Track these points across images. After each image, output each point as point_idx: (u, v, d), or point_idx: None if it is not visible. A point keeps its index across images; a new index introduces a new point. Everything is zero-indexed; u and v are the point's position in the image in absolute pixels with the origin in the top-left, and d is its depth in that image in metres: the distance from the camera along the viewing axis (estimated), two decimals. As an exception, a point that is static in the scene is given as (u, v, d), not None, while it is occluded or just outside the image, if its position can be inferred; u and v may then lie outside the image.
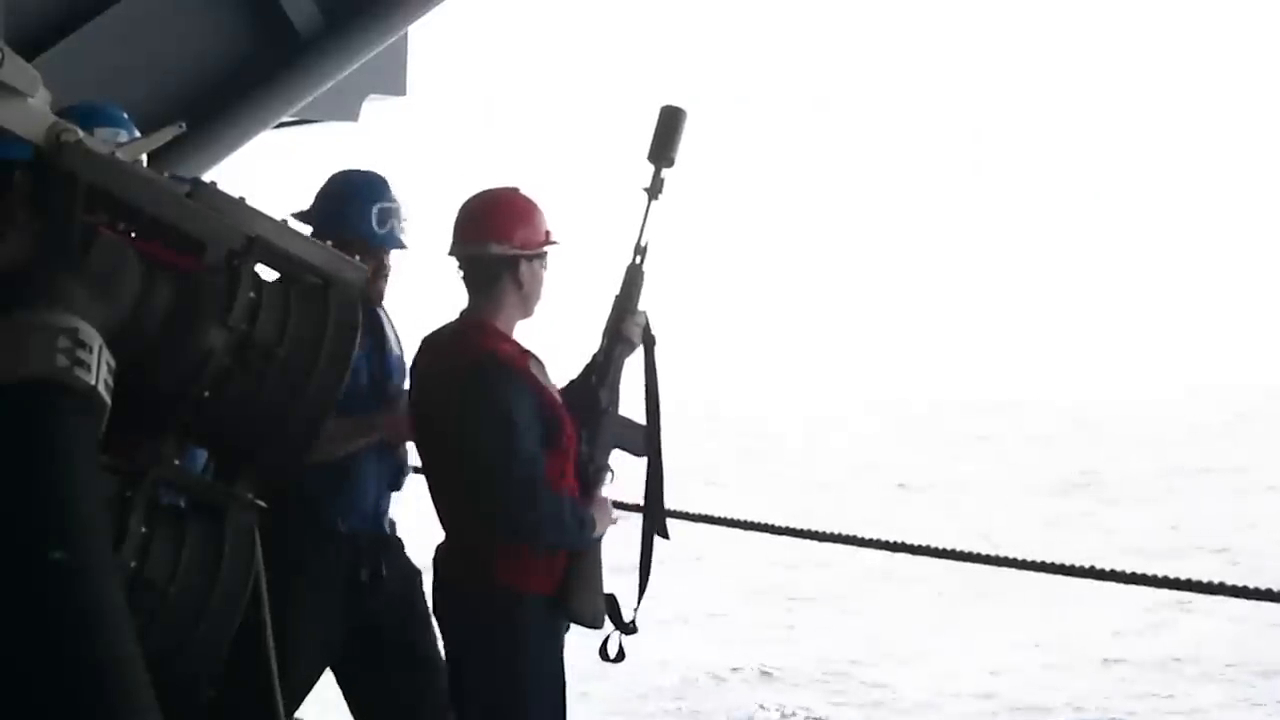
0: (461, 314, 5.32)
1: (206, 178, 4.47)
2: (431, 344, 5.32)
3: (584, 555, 5.24)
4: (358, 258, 5.34)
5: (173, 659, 2.15)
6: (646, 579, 5.49)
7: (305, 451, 2.33)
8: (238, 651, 2.25)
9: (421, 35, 9.45)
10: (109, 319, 2.00)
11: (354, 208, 5.79)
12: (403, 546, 5.91)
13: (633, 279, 5.37)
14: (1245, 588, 5.75)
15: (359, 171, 5.99)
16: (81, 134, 2.25)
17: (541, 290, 5.35)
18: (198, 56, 8.20)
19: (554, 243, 5.33)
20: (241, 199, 2.42)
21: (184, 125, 3.17)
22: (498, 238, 5.23)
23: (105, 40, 7.92)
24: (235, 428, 2.25)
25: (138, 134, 4.12)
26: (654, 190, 5.29)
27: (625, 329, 5.35)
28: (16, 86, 2.25)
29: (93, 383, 1.90)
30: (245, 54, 8.30)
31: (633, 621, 5.46)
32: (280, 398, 2.23)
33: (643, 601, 5.52)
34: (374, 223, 5.78)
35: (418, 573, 5.94)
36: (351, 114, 9.46)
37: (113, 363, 1.96)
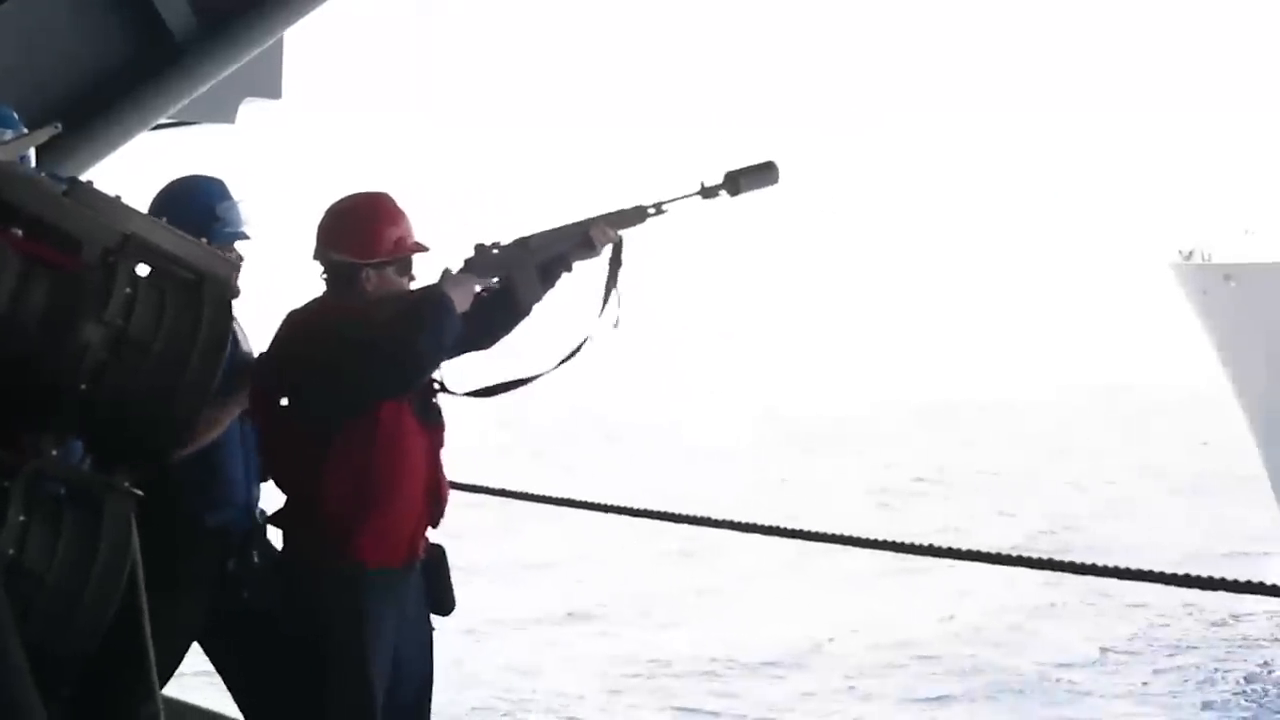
0: (322, 295, 5.31)
1: (85, 178, 4.43)
2: (294, 318, 5.30)
3: None
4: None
5: (52, 642, 2.14)
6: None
7: (181, 441, 2.33)
8: (115, 634, 2.25)
9: (296, 39, 9.41)
10: (-14, 314, 1.99)
11: (198, 207, 5.75)
12: (268, 537, 5.85)
13: (633, 212, 5.45)
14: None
15: (192, 176, 5.98)
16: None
17: (400, 293, 5.32)
18: (74, 59, 8.12)
19: (409, 249, 5.31)
20: (117, 198, 2.42)
21: (60, 126, 3.16)
22: (340, 246, 5.24)
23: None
24: (113, 419, 2.25)
25: (24, 129, 4.08)
26: (706, 193, 5.45)
27: (595, 232, 5.39)
28: None
29: (-30, 376, 1.89)
30: (122, 56, 8.23)
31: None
32: (156, 390, 2.24)
33: None
34: (222, 219, 5.77)
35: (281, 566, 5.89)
36: (228, 116, 9.42)
37: (-9, 357, 1.96)
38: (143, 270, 2.36)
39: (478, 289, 5.29)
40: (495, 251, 5.36)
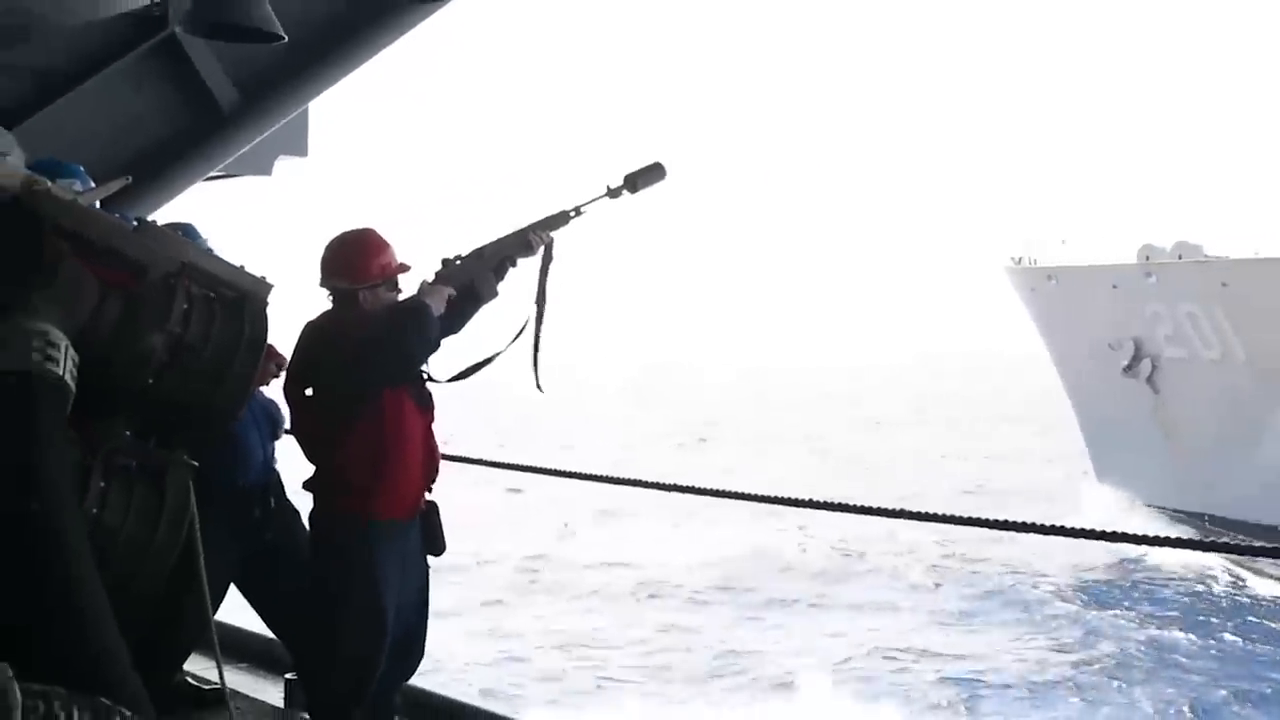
0: (330, 310, 5.33)
1: (150, 219, 4.40)
2: (310, 327, 5.30)
3: None
4: None
5: (129, 580, 2.14)
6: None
7: (228, 424, 2.34)
8: (178, 574, 2.26)
9: (320, 107, 9.39)
10: (72, 325, 2.00)
11: None
12: (283, 485, 5.90)
13: (559, 216, 5.44)
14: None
15: (172, 223, 6.05)
16: (49, 184, 2.23)
17: (392, 305, 5.35)
18: (142, 125, 8.11)
19: (394, 272, 5.33)
20: (177, 233, 2.41)
21: (130, 178, 3.13)
22: (339, 275, 5.27)
23: (70, 114, 7.82)
24: (173, 407, 2.25)
25: (91, 183, 4.06)
26: (613, 194, 5.42)
27: (531, 236, 5.39)
28: None
29: (60, 374, 1.89)
30: (180, 123, 8.22)
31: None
32: (207, 385, 2.24)
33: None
34: None
35: (296, 512, 5.92)
36: (265, 169, 9.41)
37: (77, 358, 1.96)
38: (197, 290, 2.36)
39: (449, 293, 5.34)
40: (458, 262, 5.40)
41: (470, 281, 5.40)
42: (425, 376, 5.34)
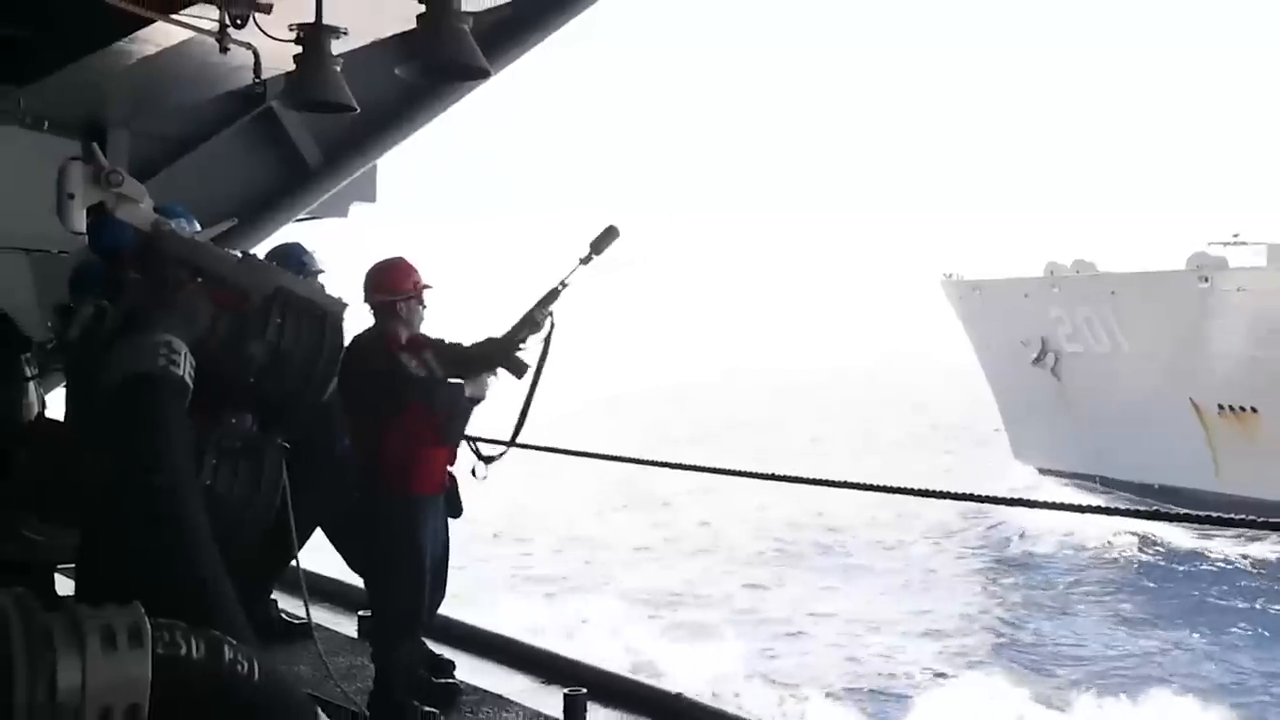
0: (374, 325, 5.36)
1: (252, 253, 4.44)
2: (356, 342, 5.32)
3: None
4: None
5: (233, 538, 2.19)
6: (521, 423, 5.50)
7: (313, 413, 2.38)
8: (274, 530, 2.31)
9: (387, 162, 9.43)
10: (191, 337, 2.04)
11: (294, 259, 6.08)
12: None
13: (551, 294, 5.43)
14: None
15: (288, 242, 6.29)
16: (173, 224, 2.29)
17: (420, 316, 5.43)
18: (246, 179, 8.21)
19: (421, 288, 5.37)
20: (273, 263, 2.44)
21: (236, 220, 3.18)
22: (382, 290, 5.34)
23: (190, 170, 7.92)
24: (269, 401, 2.29)
25: (195, 222, 4.10)
26: (584, 260, 5.42)
27: (537, 315, 5.39)
28: (132, 196, 2.29)
29: (182, 374, 1.94)
30: (275, 178, 8.32)
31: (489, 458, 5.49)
32: (296, 384, 2.28)
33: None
34: (307, 264, 6.12)
35: None
36: (342, 213, 9.47)
37: (194, 363, 1.99)
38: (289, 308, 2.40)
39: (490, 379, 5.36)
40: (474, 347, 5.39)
41: (490, 359, 5.38)
42: (480, 453, 5.45)
